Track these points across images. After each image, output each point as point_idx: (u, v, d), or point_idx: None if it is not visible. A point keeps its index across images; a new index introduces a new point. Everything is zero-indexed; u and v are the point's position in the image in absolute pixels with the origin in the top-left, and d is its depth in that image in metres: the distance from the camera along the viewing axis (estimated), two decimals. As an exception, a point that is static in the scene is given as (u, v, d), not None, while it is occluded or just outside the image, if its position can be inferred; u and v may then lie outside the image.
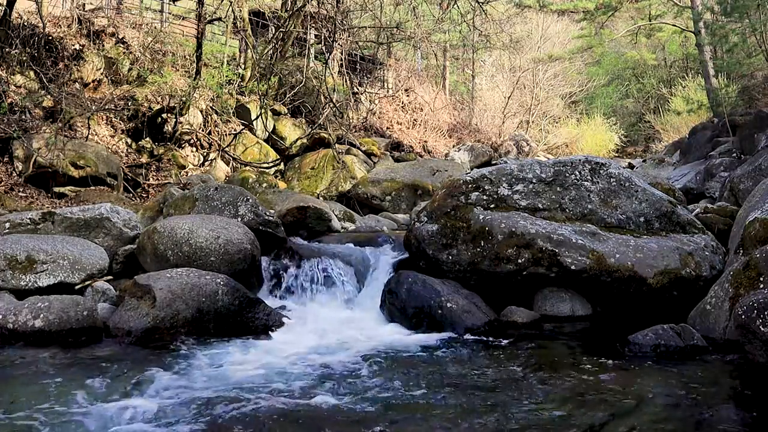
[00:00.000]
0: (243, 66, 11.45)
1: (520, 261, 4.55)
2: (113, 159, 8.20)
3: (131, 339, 3.92)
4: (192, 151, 9.70)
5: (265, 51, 11.35)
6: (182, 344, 3.87)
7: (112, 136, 8.88)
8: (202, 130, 9.82)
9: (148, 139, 9.12)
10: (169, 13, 12.24)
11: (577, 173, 5.11)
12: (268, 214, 5.80)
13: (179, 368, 3.42)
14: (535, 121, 20.01)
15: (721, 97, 13.78)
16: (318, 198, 8.71)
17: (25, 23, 8.57)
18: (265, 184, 8.77)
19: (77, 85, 8.99)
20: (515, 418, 2.72)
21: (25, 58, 8.22)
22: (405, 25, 14.88)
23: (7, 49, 8.08)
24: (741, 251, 4.15)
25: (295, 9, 10.74)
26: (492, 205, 4.97)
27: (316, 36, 12.89)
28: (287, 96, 11.36)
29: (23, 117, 7.98)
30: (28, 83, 8.35)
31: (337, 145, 10.57)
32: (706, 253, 4.65)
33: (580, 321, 4.43)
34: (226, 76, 10.59)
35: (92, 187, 7.65)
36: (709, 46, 16.09)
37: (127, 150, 8.94)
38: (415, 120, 15.60)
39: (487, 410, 2.81)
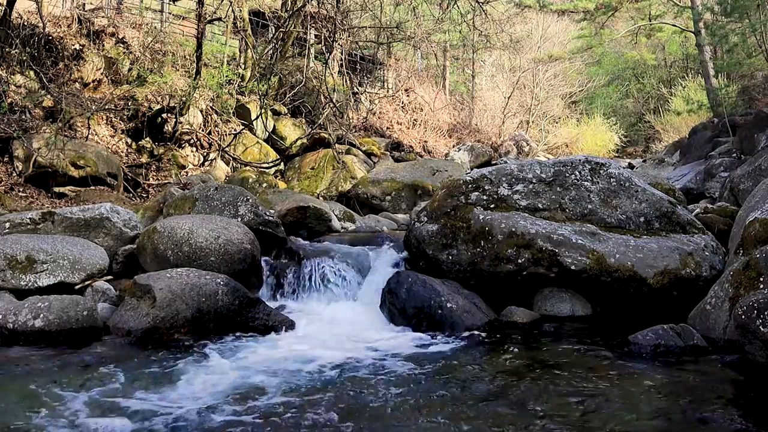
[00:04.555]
0: (243, 66, 11.45)
1: (520, 261, 4.55)
2: (113, 159, 8.20)
3: (131, 339, 3.93)
4: (192, 151, 9.70)
5: (265, 51, 11.35)
6: (182, 344, 3.87)
7: (112, 136, 8.88)
8: (202, 130, 9.82)
9: (148, 139, 9.12)
10: (169, 13, 12.23)
11: (577, 173, 5.11)
12: (268, 214, 5.80)
13: (179, 368, 3.42)
14: (535, 121, 20.00)
15: (721, 97, 13.78)
16: (318, 198, 8.71)
17: (25, 23, 8.58)
18: (265, 184, 8.77)
19: (77, 85, 9.00)
20: (515, 418, 2.72)
21: (25, 58, 8.22)
22: (405, 25, 14.87)
23: (7, 49, 8.08)
24: (741, 251, 4.15)
25: (295, 9, 10.74)
26: (492, 205, 4.97)
27: (316, 36, 12.89)
28: (287, 96, 11.36)
29: (23, 117, 7.99)
30: (28, 83, 8.36)
31: (337, 145, 10.57)
32: (706, 254, 4.65)
33: (580, 321, 4.43)
34: (226, 76, 10.60)
35: (92, 187, 7.66)
36: (709, 46, 16.10)
37: (127, 150, 8.95)
38: (415, 120, 15.59)
39: (487, 410, 2.81)
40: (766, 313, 2.96)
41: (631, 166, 13.06)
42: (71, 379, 3.19)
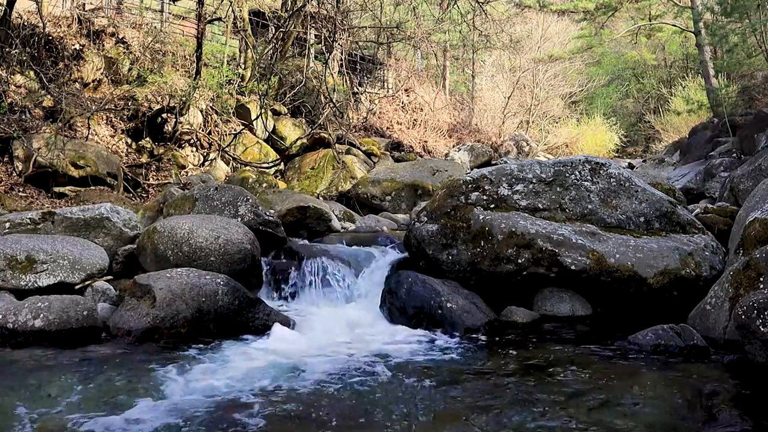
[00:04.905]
0: (243, 66, 11.45)
1: (520, 261, 4.55)
2: (113, 159, 8.20)
3: (131, 339, 3.92)
4: (192, 151, 9.70)
5: (265, 51, 11.35)
6: (182, 344, 3.87)
7: (112, 136, 8.88)
8: (202, 130, 9.82)
9: (148, 139, 9.12)
10: (169, 13, 12.23)
11: (577, 173, 5.11)
12: (268, 214, 5.80)
13: (179, 368, 3.42)
14: (535, 121, 20.01)
15: (721, 97, 13.79)
16: (318, 198, 8.71)
17: (25, 23, 8.58)
18: (265, 184, 8.77)
19: (77, 85, 9.00)
20: (514, 418, 2.72)
21: (25, 58, 8.22)
22: (405, 25, 14.88)
23: (7, 49, 8.08)
24: (741, 251, 4.15)
25: (295, 9, 10.74)
26: (492, 205, 4.97)
27: (316, 36, 12.89)
28: (287, 96, 11.37)
29: (23, 117, 7.99)
30: (28, 83, 8.36)
31: (337, 145, 10.57)
32: (706, 254, 4.65)
33: (580, 321, 4.42)
34: (226, 76, 10.59)
35: (92, 187, 7.65)
36: (709, 46, 16.10)
37: (127, 150, 8.95)
38: (415, 120, 15.60)
39: (487, 410, 2.81)
40: (766, 313, 2.95)
41: (631, 166, 13.06)
42: (71, 380, 3.19)
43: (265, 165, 10.25)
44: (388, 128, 14.46)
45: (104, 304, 4.37)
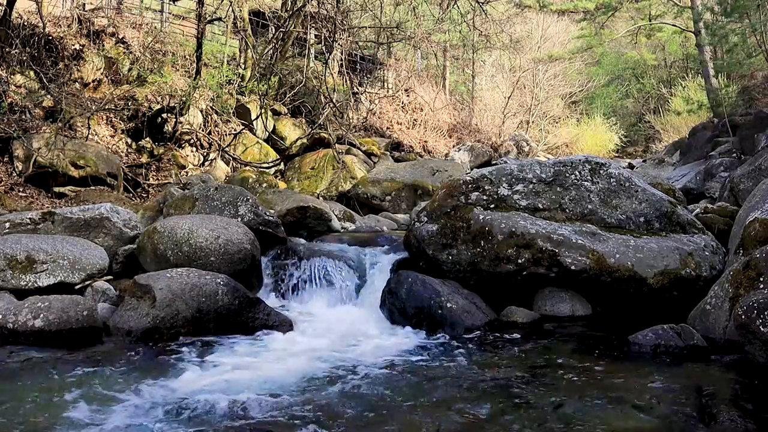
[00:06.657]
0: (243, 66, 11.44)
1: (520, 261, 4.55)
2: (113, 159, 8.20)
3: (131, 339, 3.93)
4: (192, 151, 9.70)
5: (265, 51, 11.35)
6: (182, 344, 3.87)
7: (112, 136, 8.88)
8: (202, 130, 9.82)
9: (148, 139, 9.12)
10: (169, 13, 12.23)
11: (577, 173, 5.11)
12: (268, 214, 5.81)
13: (179, 368, 3.42)
14: (535, 121, 20.01)
15: (721, 97, 13.80)
16: (318, 198, 8.71)
17: (25, 23, 8.57)
18: (265, 184, 8.77)
19: (77, 85, 8.99)
20: (515, 418, 2.72)
21: (25, 58, 8.22)
22: (405, 25, 14.88)
23: (7, 49, 8.08)
24: (741, 251, 4.15)
25: (295, 9, 10.74)
26: (492, 205, 4.97)
27: (316, 36, 12.88)
28: (287, 96, 11.36)
29: (23, 117, 7.98)
30: (28, 83, 8.35)
31: (337, 145, 10.57)
32: (706, 254, 4.65)
33: (580, 321, 4.43)
34: (226, 76, 10.59)
35: (92, 187, 7.65)
36: (709, 46, 16.10)
37: (127, 150, 8.94)
38: (415, 120, 15.59)
39: (487, 410, 2.81)
40: (766, 313, 2.95)
41: (631, 166, 13.06)
42: (71, 380, 3.19)
43: (265, 165, 10.24)
44: (388, 128, 14.46)
45: (104, 304, 4.37)
